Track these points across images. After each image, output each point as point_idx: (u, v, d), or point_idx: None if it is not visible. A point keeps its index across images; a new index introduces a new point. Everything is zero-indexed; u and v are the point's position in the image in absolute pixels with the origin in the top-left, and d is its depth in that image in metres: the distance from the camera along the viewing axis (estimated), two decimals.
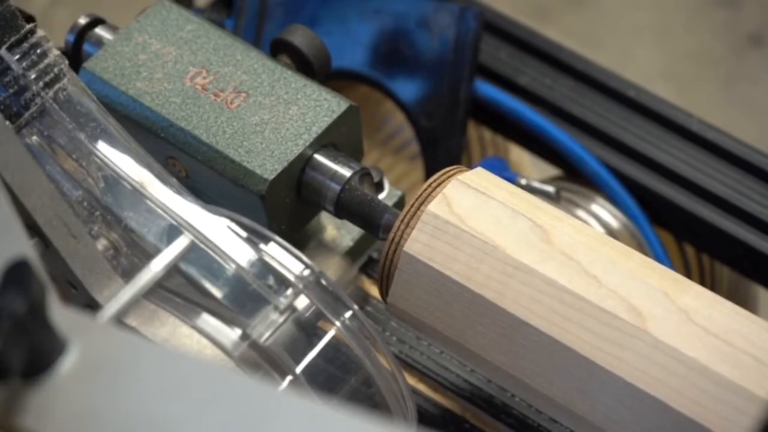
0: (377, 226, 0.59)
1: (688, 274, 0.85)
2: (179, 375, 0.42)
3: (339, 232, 0.67)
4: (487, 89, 0.82)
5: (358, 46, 0.82)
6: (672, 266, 0.82)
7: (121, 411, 0.41)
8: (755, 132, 1.51)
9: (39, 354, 0.41)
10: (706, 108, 1.29)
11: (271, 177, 0.59)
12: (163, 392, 0.41)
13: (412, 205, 0.56)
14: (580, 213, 0.82)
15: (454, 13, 0.80)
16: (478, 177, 0.57)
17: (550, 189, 0.80)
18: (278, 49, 0.64)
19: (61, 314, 0.42)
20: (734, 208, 0.78)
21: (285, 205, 0.61)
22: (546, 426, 0.64)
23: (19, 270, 0.41)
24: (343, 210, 0.60)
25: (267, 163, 0.59)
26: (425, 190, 0.56)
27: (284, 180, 0.59)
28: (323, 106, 0.61)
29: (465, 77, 0.80)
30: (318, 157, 0.60)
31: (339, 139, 0.61)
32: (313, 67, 0.63)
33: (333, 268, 0.66)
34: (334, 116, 0.61)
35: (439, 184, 0.57)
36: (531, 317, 0.53)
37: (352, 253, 0.67)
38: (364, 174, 0.60)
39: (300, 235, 0.65)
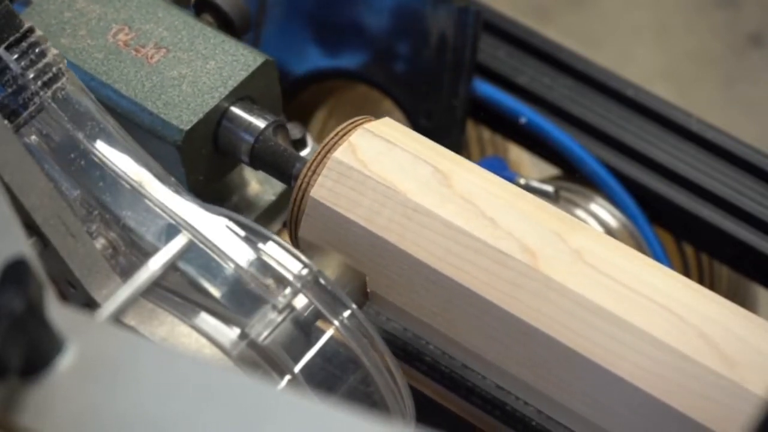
0: (289, 175, 0.61)
1: (687, 274, 0.85)
2: (177, 374, 0.42)
3: (262, 187, 0.69)
4: (486, 89, 0.82)
5: (357, 46, 0.82)
6: (671, 266, 0.82)
7: (119, 409, 0.41)
8: (755, 132, 1.51)
9: (37, 352, 0.41)
10: (706, 108, 1.29)
11: (187, 128, 0.61)
12: (161, 391, 0.41)
13: (319, 153, 0.58)
14: (580, 212, 0.82)
15: (453, 13, 0.80)
16: (384, 125, 0.59)
17: (549, 188, 0.80)
18: (201, 8, 0.66)
19: (59, 313, 0.42)
20: (733, 208, 0.78)
21: (202, 157, 0.63)
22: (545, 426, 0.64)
23: (18, 269, 0.41)
24: (257, 160, 0.62)
25: (183, 114, 0.61)
26: (332, 138, 0.58)
27: (200, 131, 0.62)
28: (240, 60, 0.63)
29: (464, 76, 0.80)
30: (234, 109, 0.62)
31: (256, 92, 0.63)
32: (234, 25, 0.66)
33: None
34: (250, 70, 0.63)
35: (346, 133, 0.58)
36: (429, 258, 0.55)
37: (275, 208, 0.69)
38: (278, 126, 0.62)
39: (223, 189, 0.68)
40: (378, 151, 0.57)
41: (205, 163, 0.63)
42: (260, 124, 0.62)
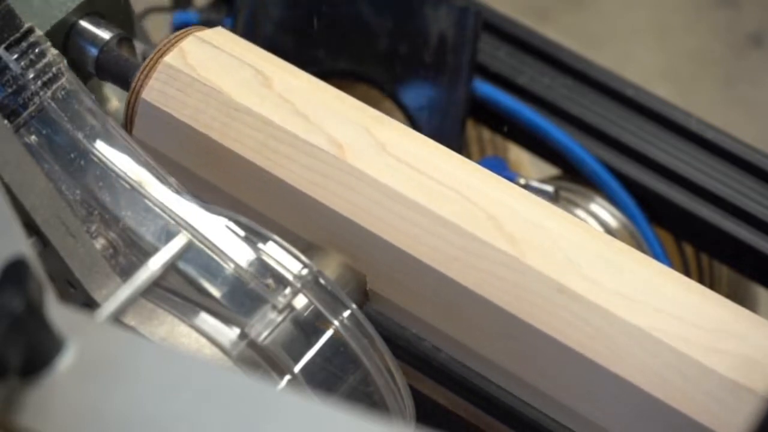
0: (130, 83, 0.63)
1: (687, 274, 0.85)
2: (177, 374, 0.42)
3: (122, 104, 0.71)
4: (486, 89, 0.82)
5: (357, 46, 0.82)
6: (671, 265, 0.82)
7: (119, 409, 0.41)
8: (755, 132, 1.51)
9: (37, 352, 0.41)
10: (706, 108, 1.29)
11: None
12: (161, 391, 0.41)
13: (151, 59, 0.61)
14: (580, 212, 0.82)
15: (453, 13, 0.80)
16: (215, 34, 0.63)
17: (549, 188, 0.80)
18: None
19: (58, 313, 0.42)
20: (733, 208, 0.78)
21: None
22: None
23: (17, 268, 0.41)
24: (102, 71, 0.64)
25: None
26: (164, 44, 0.62)
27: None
28: None
29: (464, 76, 0.80)
30: (82, 23, 0.64)
31: (103, 8, 0.65)
32: None
33: None
34: None
35: (178, 40, 0.62)
36: (247, 152, 0.59)
37: None
38: (122, 38, 0.64)
39: None
40: (206, 57, 0.61)
41: None
42: (105, 36, 0.64)
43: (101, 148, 0.57)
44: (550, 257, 0.54)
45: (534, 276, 0.54)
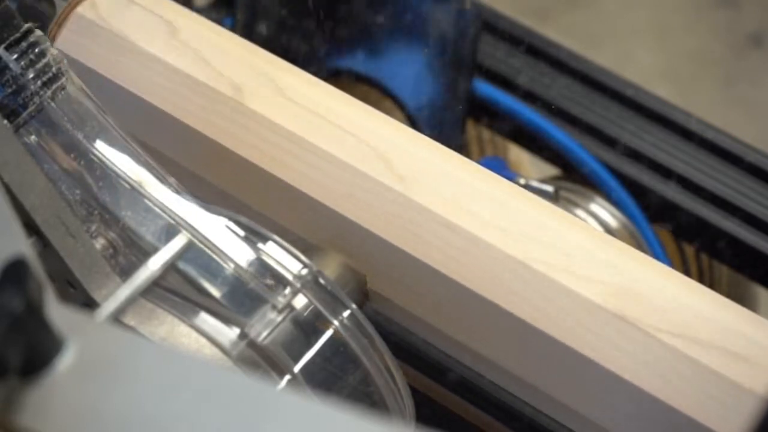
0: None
1: (687, 274, 0.85)
2: (177, 374, 0.42)
3: None
4: (485, 89, 0.82)
5: (357, 46, 0.82)
6: (671, 265, 0.82)
7: (118, 409, 0.41)
8: (755, 132, 1.51)
9: (36, 352, 0.41)
10: (706, 108, 1.29)
11: None
12: (161, 391, 0.41)
13: (64, 10, 0.64)
14: (579, 212, 0.82)
15: (453, 13, 0.80)
16: None
17: (548, 188, 0.80)
18: None
19: (58, 313, 0.42)
20: (733, 208, 0.78)
21: None
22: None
23: (17, 268, 0.41)
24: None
25: None
26: None
27: None
28: None
29: (464, 77, 0.80)
30: None
31: None
32: None
33: None
34: None
35: None
36: (155, 98, 0.62)
37: None
38: None
39: None
40: (117, 8, 0.64)
41: None
42: None
43: (101, 148, 0.57)
44: (438, 194, 0.58)
45: (420, 210, 0.57)
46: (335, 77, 0.83)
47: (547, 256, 0.56)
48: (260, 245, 0.55)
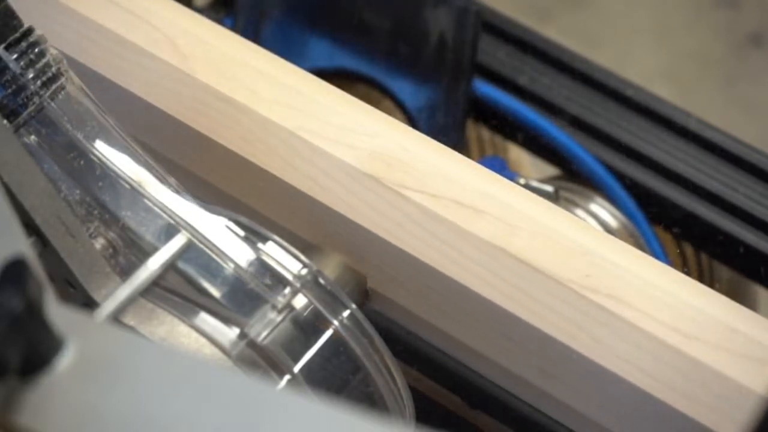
0: None
1: (687, 274, 0.84)
2: (177, 374, 0.42)
3: None
4: (485, 89, 0.82)
5: (357, 46, 0.82)
6: (671, 265, 0.81)
7: (118, 409, 0.41)
8: (755, 132, 1.51)
9: (36, 352, 0.41)
10: (706, 108, 1.29)
11: None
12: (161, 391, 0.41)
13: None
14: (579, 212, 0.82)
15: (453, 13, 0.80)
16: None
17: (548, 188, 0.80)
18: None
19: (58, 313, 0.42)
20: (733, 208, 0.78)
21: None
22: None
23: (17, 268, 0.41)
24: None
25: None
26: None
27: None
28: None
29: (464, 76, 0.80)
30: None
31: None
32: None
33: None
34: None
35: None
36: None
37: None
38: None
39: None
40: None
41: None
42: None
43: (101, 147, 0.57)
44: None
45: (202, 87, 0.60)
46: (335, 77, 0.83)
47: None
48: (260, 245, 0.55)
